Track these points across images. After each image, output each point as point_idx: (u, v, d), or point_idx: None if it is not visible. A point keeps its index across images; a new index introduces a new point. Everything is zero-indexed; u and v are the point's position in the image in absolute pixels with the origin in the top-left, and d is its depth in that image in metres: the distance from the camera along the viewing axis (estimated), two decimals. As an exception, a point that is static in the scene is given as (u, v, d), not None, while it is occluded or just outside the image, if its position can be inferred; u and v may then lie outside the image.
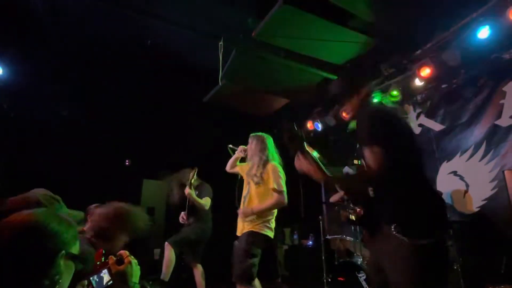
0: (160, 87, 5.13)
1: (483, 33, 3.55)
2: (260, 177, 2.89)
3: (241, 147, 3.25)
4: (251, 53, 4.31)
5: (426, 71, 4.12)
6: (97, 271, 1.28)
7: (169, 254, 3.89)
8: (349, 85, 1.98)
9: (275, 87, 5.13)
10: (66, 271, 1.02)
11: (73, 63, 4.58)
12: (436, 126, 4.62)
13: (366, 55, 4.32)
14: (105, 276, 1.27)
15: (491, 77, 4.06)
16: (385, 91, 4.73)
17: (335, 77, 4.94)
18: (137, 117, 5.60)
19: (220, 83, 4.60)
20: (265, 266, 5.91)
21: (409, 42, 4.29)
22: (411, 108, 4.96)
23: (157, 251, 5.66)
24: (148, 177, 5.96)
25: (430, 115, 4.71)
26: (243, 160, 3.35)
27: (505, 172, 3.52)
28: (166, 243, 3.96)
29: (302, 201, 6.82)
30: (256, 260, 2.74)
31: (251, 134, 3.17)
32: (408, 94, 4.74)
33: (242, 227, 2.86)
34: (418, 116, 4.85)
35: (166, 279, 3.85)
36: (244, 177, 3.15)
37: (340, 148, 5.87)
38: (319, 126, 5.76)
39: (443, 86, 4.50)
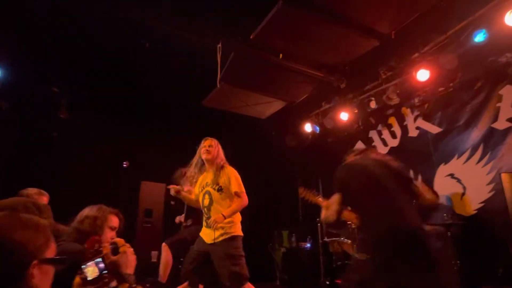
0: (159, 88, 5.14)
1: (480, 36, 3.58)
2: (222, 183, 2.87)
3: (181, 186, 3.19)
4: (249, 56, 4.32)
5: (423, 74, 4.15)
6: (90, 260, 1.18)
7: (166, 255, 3.87)
8: None
9: (273, 89, 5.14)
10: (44, 278, 0.90)
11: (72, 65, 4.59)
12: (433, 128, 4.64)
13: (364, 58, 4.35)
14: (99, 266, 1.18)
15: (487, 80, 4.09)
16: (382, 94, 4.76)
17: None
18: (135, 119, 5.61)
19: (218, 85, 4.61)
20: (264, 269, 5.91)
21: (407, 45, 4.33)
22: (408, 111, 4.98)
23: (154, 253, 5.63)
24: (146, 179, 5.94)
25: (427, 118, 4.73)
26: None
27: (502, 174, 3.55)
28: (163, 244, 3.94)
29: (299, 204, 6.83)
30: (244, 260, 2.77)
31: (205, 138, 3.07)
32: (406, 97, 4.77)
33: (213, 234, 2.78)
34: (415, 119, 4.88)
35: (164, 281, 3.83)
36: (198, 190, 3.04)
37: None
38: (318, 129, 5.77)
39: (440, 89, 4.52)
